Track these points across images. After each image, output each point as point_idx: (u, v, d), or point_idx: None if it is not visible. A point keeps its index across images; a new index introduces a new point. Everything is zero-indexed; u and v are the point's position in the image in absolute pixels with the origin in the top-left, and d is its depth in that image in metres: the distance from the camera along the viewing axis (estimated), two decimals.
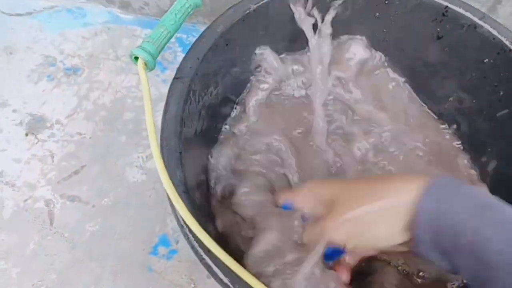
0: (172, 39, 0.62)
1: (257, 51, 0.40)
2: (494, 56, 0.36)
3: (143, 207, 0.49)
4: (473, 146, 0.41)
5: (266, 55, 0.40)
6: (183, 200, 0.24)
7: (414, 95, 0.44)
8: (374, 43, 0.43)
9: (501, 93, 0.36)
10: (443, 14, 0.38)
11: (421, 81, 0.43)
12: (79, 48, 0.61)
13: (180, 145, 0.28)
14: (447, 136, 0.43)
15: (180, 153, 0.28)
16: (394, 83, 0.44)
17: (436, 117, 0.44)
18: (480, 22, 0.36)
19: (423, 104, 0.44)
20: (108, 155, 0.53)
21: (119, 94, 0.57)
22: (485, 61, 0.37)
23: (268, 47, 0.40)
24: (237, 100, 0.42)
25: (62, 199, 0.50)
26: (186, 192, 0.26)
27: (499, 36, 0.35)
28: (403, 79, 0.44)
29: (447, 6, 0.37)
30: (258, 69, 0.41)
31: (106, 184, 0.51)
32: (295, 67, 0.43)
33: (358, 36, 0.43)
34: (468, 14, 0.36)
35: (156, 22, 0.64)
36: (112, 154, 0.53)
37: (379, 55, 0.43)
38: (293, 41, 0.42)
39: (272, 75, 0.41)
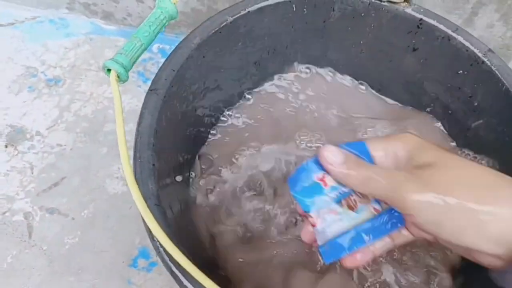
0: (155, 50, 0.62)
1: None
2: (468, 67, 0.36)
3: (123, 219, 0.49)
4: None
5: None
6: (152, 213, 0.24)
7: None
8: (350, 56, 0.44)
9: (476, 104, 0.37)
10: (418, 27, 0.38)
11: (397, 92, 0.44)
12: (61, 59, 0.60)
13: (154, 157, 0.28)
14: None
15: (154, 165, 0.27)
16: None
17: None
18: (454, 34, 0.37)
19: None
20: (88, 166, 0.52)
21: (100, 105, 0.57)
22: (459, 72, 0.37)
23: None
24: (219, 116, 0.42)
25: (41, 212, 0.49)
26: (158, 205, 0.26)
27: (472, 48, 0.36)
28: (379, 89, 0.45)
29: (421, 19, 0.38)
30: None
31: (86, 196, 0.50)
32: None
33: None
34: (441, 26, 0.37)
35: None
36: (92, 165, 0.52)
37: None
38: (272, 52, 0.42)
39: None
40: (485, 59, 0.35)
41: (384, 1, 0.38)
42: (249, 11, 0.37)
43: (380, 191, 0.24)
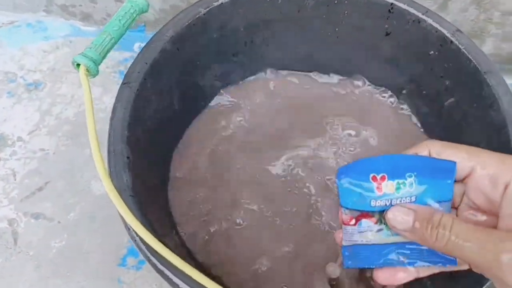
0: (136, 49, 0.62)
1: None
2: (438, 48, 0.37)
3: (110, 219, 0.49)
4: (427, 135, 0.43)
5: None
6: (127, 203, 0.24)
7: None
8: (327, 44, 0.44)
9: (447, 83, 0.38)
10: (390, 11, 0.39)
11: (374, 76, 0.44)
12: (40, 63, 0.60)
13: (128, 150, 0.28)
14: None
15: (128, 157, 0.27)
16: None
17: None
18: (424, 17, 0.37)
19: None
20: (72, 169, 0.52)
21: (82, 107, 0.56)
22: (430, 53, 0.38)
23: None
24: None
25: (26, 217, 0.49)
26: (133, 196, 0.26)
27: (441, 29, 0.36)
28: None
29: (392, 3, 0.38)
30: None
31: (71, 199, 0.50)
32: None
33: None
34: (412, 9, 0.38)
35: None
36: (76, 168, 0.52)
37: None
38: (249, 43, 0.43)
39: None
40: (453, 39, 0.35)
41: None
42: (222, 3, 0.37)
43: (469, 261, 0.20)
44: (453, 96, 0.37)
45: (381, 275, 0.23)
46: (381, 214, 0.23)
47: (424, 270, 0.24)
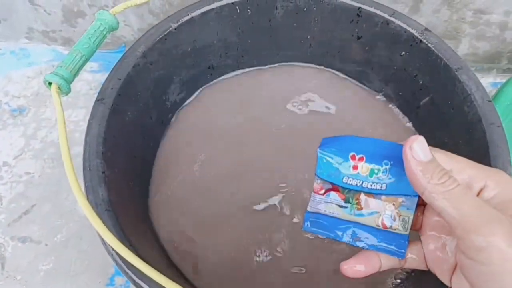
0: None
1: None
2: (408, 48, 0.38)
3: (97, 239, 0.48)
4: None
5: None
6: (101, 218, 0.24)
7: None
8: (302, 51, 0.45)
9: (421, 82, 0.38)
10: (358, 15, 0.40)
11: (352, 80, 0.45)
12: (24, 88, 0.60)
13: (104, 165, 0.28)
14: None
15: (103, 172, 0.28)
16: None
17: None
18: (391, 18, 0.38)
19: None
20: (58, 191, 0.52)
21: (66, 129, 0.57)
22: (402, 54, 0.39)
23: None
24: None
25: (13, 241, 0.49)
26: (109, 211, 0.26)
27: (409, 29, 0.37)
28: None
29: (360, 7, 0.39)
30: None
31: (57, 220, 0.50)
32: None
33: None
34: (379, 12, 0.38)
35: (100, 54, 0.65)
36: (62, 190, 0.52)
37: None
38: (224, 55, 0.43)
39: None
40: (422, 38, 0.36)
41: None
42: (192, 17, 0.38)
43: (456, 216, 0.20)
44: (428, 95, 0.37)
45: (344, 270, 0.24)
46: (349, 193, 0.24)
47: (383, 263, 0.24)
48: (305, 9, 0.41)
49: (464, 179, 0.22)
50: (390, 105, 0.42)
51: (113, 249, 0.24)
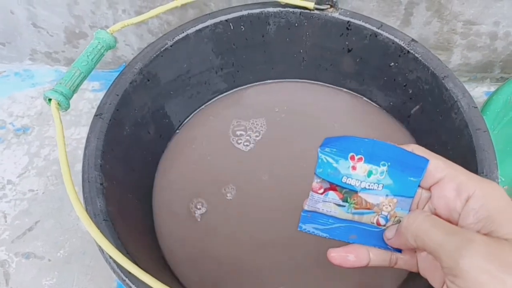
0: None
1: None
2: (397, 59, 0.39)
3: (99, 253, 0.49)
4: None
5: None
6: (99, 227, 0.25)
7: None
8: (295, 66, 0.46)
9: (411, 91, 0.39)
10: (347, 29, 0.41)
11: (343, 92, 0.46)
12: (28, 108, 0.62)
13: (102, 177, 0.29)
14: None
15: (101, 184, 0.29)
16: None
17: None
18: (379, 31, 0.39)
19: None
20: (61, 208, 0.53)
21: (69, 147, 0.58)
22: (391, 65, 0.40)
23: None
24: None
25: (17, 258, 0.50)
26: (107, 220, 0.27)
27: (397, 41, 0.38)
28: None
29: (349, 21, 0.41)
30: None
31: (61, 236, 0.51)
32: None
33: None
34: (367, 25, 0.40)
35: (102, 73, 0.67)
36: (65, 206, 0.53)
37: None
38: (220, 70, 0.45)
39: None
40: (410, 49, 0.37)
41: (313, 10, 0.41)
42: (187, 34, 0.39)
43: (434, 249, 0.20)
44: (418, 103, 0.38)
45: (333, 257, 0.25)
46: (347, 192, 0.25)
47: (373, 259, 0.25)
48: (296, 25, 0.42)
49: (455, 185, 0.22)
50: (384, 113, 0.44)
51: (110, 257, 0.25)
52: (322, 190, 0.25)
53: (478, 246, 0.19)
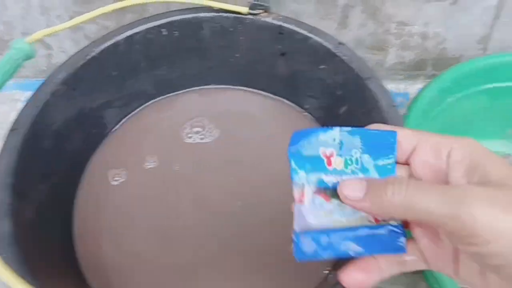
0: None
1: None
2: (326, 61, 0.40)
3: None
4: None
5: None
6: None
7: None
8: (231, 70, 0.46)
9: (339, 93, 0.40)
10: (280, 33, 0.41)
11: (279, 95, 0.47)
12: None
13: (11, 197, 0.27)
14: None
15: (10, 204, 0.27)
16: None
17: None
18: (310, 35, 0.40)
19: None
20: None
21: None
22: (321, 67, 0.41)
23: None
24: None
25: None
26: (13, 244, 0.26)
27: (326, 44, 0.39)
28: None
29: (281, 25, 0.41)
30: None
31: None
32: None
33: None
34: (299, 29, 0.40)
35: (36, 83, 0.63)
36: None
37: None
38: (153, 79, 0.44)
39: None
40: (337, 52, 0.38)
41: (246, 15, 0.41)
42: (116, 41, 0.38)
43: (430, 215, 0.18)
44: (345, 104, 0.39)
45: (344, 281, 0.22)
46: (332, 192, 0.22)
47: (385, 270, 0.22)
48: (231, 29, 0.42)
49: (431, 146, 0.21)
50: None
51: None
52: (305, 198, 0.22)
53: (477, 194, 0.18)
